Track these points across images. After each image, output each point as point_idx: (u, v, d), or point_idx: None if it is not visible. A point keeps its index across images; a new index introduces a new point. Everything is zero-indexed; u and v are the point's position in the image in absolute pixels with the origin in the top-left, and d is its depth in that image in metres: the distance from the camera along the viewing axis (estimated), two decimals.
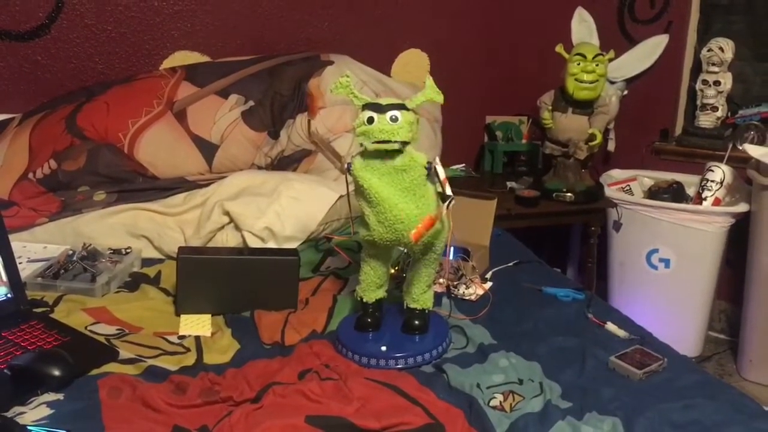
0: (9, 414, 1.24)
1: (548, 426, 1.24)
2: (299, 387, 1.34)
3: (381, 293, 1.57)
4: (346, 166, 1.45)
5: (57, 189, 2.08)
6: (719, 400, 1.33)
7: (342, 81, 1.42)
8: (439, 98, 1.40)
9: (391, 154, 1.40)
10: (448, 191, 1.43)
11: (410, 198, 1.41)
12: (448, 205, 1.42)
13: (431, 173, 1.43)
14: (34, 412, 1.26)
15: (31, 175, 2.08)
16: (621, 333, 1.58)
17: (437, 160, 1.44)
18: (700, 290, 2.68)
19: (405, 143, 1.39)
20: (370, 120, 1.38)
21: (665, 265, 2.68)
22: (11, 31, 2.25)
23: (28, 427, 1.19)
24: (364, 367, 1.45)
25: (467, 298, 1.76)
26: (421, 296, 1.54)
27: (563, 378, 1.41)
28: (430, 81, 1.40)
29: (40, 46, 2.29)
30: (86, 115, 2.16)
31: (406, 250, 1.62)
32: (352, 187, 1.48)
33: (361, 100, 1.41)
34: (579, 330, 1.60)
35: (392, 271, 1.73)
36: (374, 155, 1.40)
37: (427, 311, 1.56)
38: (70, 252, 1.88)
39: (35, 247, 1.96)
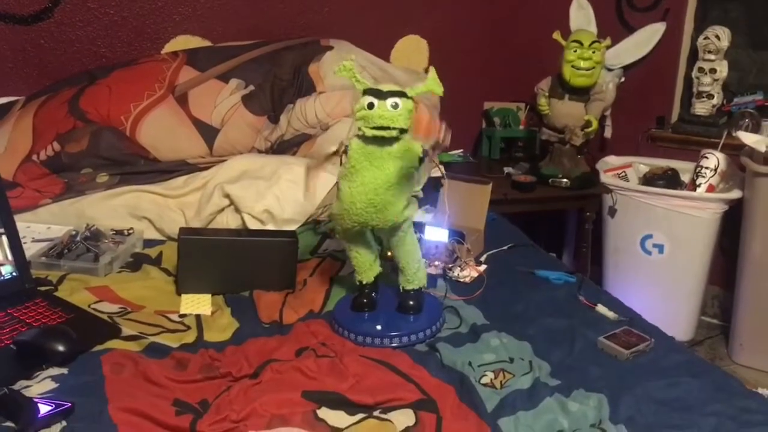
0: (15, 387, 1.28)
1: (537, 402, 1.28)
2: (296, 364, 1.38)
3: (376, 269, 1.60)
4: (343, 148, 1.49)
5: (60, 171, 2.12)
6: (703, 379, 1.37)
7: (346, 64, 1.44)
8: (440, 91, 1.42)
9: (389, 140, 1.43)
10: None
11: (392, 185, 1.43)
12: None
13: (424, 162, 1.47)
14: (39, 386, 1.29)
15: (35, 157, 2.11)
16: (610, 315, 1.62)
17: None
18: (693, 276, 2.72)
19: (403, 131, 1.43)
20: (371, 105, 1.40)
21: (659, 251, 2.71)
22: (15, 14, 2.28)
23: (35, 400, 1.22)
24: (359, 345, 1.49)
25: (462, 280, 1.80)
26: (415, 275, 1.57)
27: (552, 357, 1.44)
28: (432, 73, 1.43)
29: (43, 29, 2.32)
30: (89, 98, 2.19)
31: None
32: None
33: (363, 84, 1.44)
34: (570, 311, 1.64)
35: (389, 254, 1.76)
36: (372, 139, 1.44)
37: (421, 289, 1.60)
38: (74, 232, 1.91)
39: (39, 228, 2.00)
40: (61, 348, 1.37)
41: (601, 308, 1.65)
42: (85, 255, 1.83)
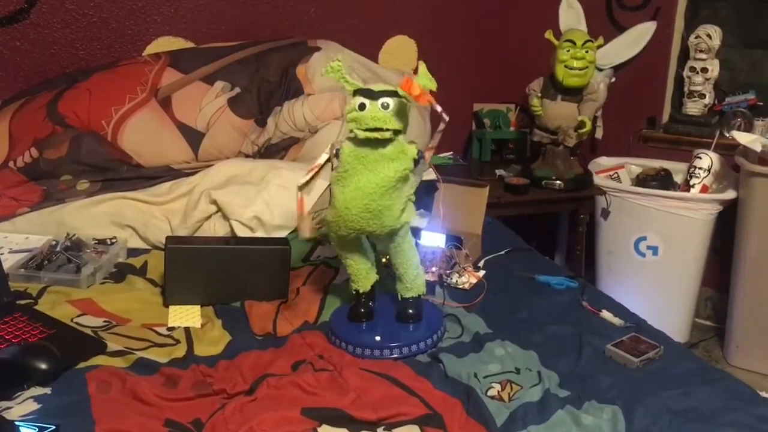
0: None
1: (548, 415, 1.23)
2: (294, 378, 1.32)
3: (373, 276, 1.55)
4: (334, 151, 1.43)
5: (39, 178, 2.03)
6: (716, 387, 1.34)
7: (334, 65, 1.39)
8: (432, 85, 1.37)
9: (382, 141, 1.37)
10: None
11: (387, 189, 1.38)
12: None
13: (419, 165, 1.41)
14: (20, 407, 1.23)
15: (11, 164, 2.03)
16: (616, 321, 1.57)
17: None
18: (688, 277, 2.69)
19: (397, 132, 1.37)
20: (362, 106, 1.35)
21: (653, 253, 2.68)
22: None
23: (16, 423, 1.15)
24: (358, 357, 1.44)
25: (460, 286, 1.74)
26: (413, 282, 1.52)
27: (560, 366, 1.40)
28: (423, 68, 1.37)
29: (19, 31, 2.23)
30: (68, 102, 2.11)
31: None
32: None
33: (353, 85, 1.39)
34: (574, 318, 1.60)
35: (383, 260, 1.70)
36: (364, 142, 1.38)
37: (420, 297, 1.54)
38: (54, 242, 1.84)
39: (17, 238, 1.92)
40: (43, 366, 1.31)
41: (606, 314, 1.61)
42: (67, 266, 1.75)
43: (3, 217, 1.96)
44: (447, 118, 1.37)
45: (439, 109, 1.37)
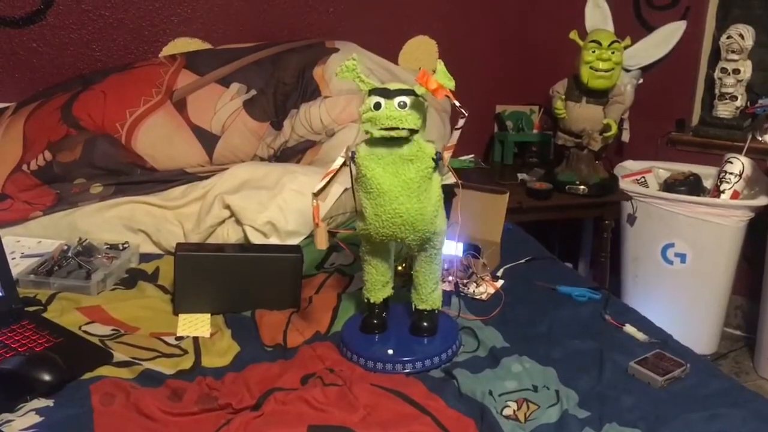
0: None
1: None
2: (301, 394, 1.28)
3: (387, 291, 1.50)
4: (350, 154, 1.38)
5: (52, 181, 2.02)
6: (746, 409, 1.26)
7: (348, 64, 1.34)
8: (450, 84, 1.32)
9: (399, 142, 1.33)
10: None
11: (413, 191, 1.33)
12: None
13: (439, 165, 1.36)
14: (22, 420, 1.20)
15: (25, 167, 2.01)
16: (640, 336, 1.50)
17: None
18: (717, 286, 2.60)
19: (413, 131, 1.32)
20: (377, 105, 1.30)
21: (681, 260, 2.59)
22: (6, 17, 2.18)
23: None
24: (369, 371, 1.39)
25: (478, 297, 1.68)
26: (429, 296, 1.47)
27: (580, 385, 1.33)
28: (441, 66, 1.32)
29: (35, 32, 2.22)
30: (82, 105, 2.08)
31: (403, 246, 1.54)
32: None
33: (368, 84, 1.34)
34: (596, 332, 1.52)
35: (399, 268, 1.65)
36: (380, 143, 1.34)
37: (436, 311, 1.49)
38: (65, 247, 1.81)
39: (29, 242, 1.90)
40: (47, 377, 1.29)
41: (629, 328, 1.53)
42: (77, 272, 1.73)
43: (16, 221, 1.94)
44: (466, 113, 1.32)
45: (457, 103, 1.32)
